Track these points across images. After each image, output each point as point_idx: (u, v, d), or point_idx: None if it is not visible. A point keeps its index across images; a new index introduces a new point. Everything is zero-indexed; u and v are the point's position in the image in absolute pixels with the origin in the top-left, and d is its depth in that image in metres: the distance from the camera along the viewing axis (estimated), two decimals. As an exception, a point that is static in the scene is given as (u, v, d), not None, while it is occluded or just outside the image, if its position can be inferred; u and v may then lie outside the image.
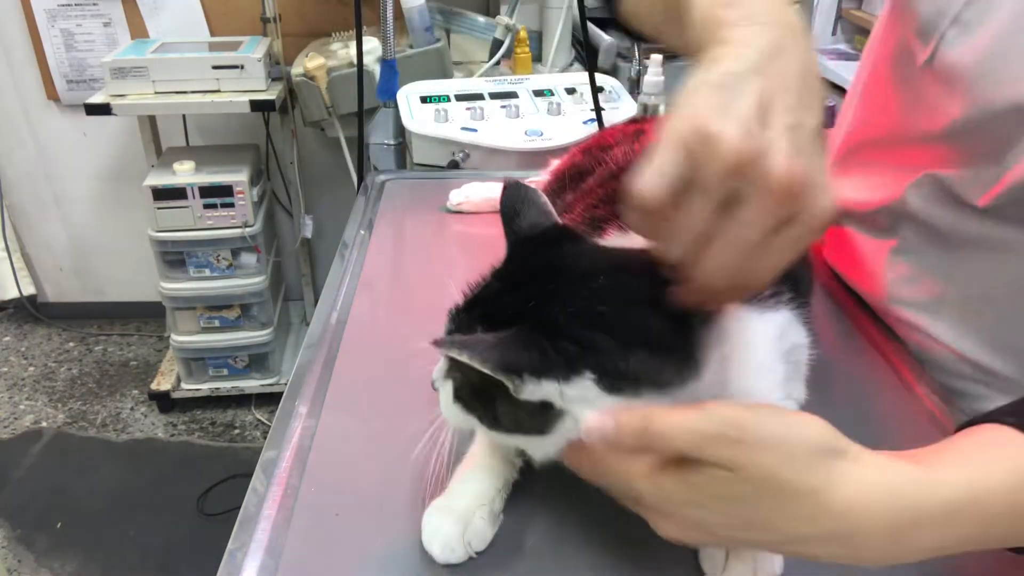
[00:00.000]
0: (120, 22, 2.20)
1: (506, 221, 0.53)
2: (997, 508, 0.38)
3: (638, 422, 0.39)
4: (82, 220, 2.55)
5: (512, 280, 0.49)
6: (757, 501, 0.37)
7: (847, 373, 0.71)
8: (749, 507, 0.38)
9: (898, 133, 0.68)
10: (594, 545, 0.52)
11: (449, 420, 0.50)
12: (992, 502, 0.38)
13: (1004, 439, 0.40)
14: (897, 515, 0.37)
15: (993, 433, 0.41)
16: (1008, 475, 0.38)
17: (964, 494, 0.37)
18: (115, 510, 1.92)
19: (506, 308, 0.46)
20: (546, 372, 0.43)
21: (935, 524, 0.37)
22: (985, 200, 0.58)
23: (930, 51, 0.59)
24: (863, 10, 2.12)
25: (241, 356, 2.21)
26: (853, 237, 0.78)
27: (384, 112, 1.42)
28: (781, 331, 0.51)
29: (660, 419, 0.39)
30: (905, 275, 0.70)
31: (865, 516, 0.37)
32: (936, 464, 0.39)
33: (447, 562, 0.50)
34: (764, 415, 0.38)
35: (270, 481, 0.57)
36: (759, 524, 0.38)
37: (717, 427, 0.37)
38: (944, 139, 0.61)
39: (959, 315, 0.65)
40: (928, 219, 0.65)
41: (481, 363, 0.42)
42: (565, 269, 0.48)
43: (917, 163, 0.65)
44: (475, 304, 0.49)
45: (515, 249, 0.52)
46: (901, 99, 0.67)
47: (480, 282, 0.50)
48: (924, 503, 0.37)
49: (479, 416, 0.48)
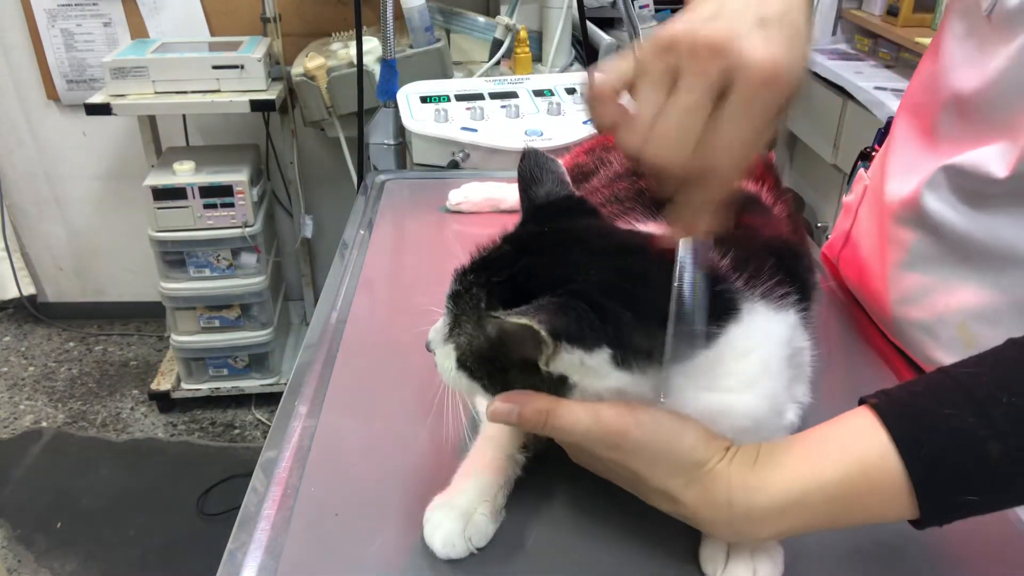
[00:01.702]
0: (120, 22, 2.20)
1: (523, 187, 0.53)
2: (823, 504, 0.44)
3: (539, 416, 0.46)
4: (82, 220, 2.55)
5: (528, 247, 0.49)
6: (632, 481, 0.48)
7: (850, 377, 0.71)
8: (626, 478, 0.49)
9: (944, 91, 0.67)
10: (595, 544, 0.52)
11: (449, 384, 0.51)
12: (818, 500, 0.44)
13: (860, 426, 0.44)
14: (732, 516, 0.45)
15: (857, 420, 0.45)
16: (842, 467, 0.44)
17: (790, 496, 0.44)
18: (115, 510, 1.92)
19: (523, 273, 0.46)
20: (579, 340, 0.43)
21: (765, 521, 0.45)
22: (1010, 168, 0.58)
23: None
24: (863, 10, 2.12)
25: (241, 356, 2.21)
26: (862, 254, 0.78)
27: (384, 112, 1.42)
28: (791, 333, 0.51)
29: (560, 416, 0.46)
30: (908, 294, 0.70)
31: (707, 515, 0.46)
32: (778, 466, 0.45)
33: (448, 557, 0.50)
34: (648, 427, 0.46)
35: (270, 481, 0.57)
36: (631, 486, 0.49)
37: (601, 434, 0.46)
38: (982, 99, 0.61)
39: (960, 336, 0.65)
40: (941, 222, 0.65)
41: (539, 325, 0.42)
42: (585, 241, 0.48)
43: (946, 139, 0.65)
44: (485, 266, 0.48)
45: (531, 216, 0.52)
46: (958, 55, 0.66)
47: (490, 245, 0.50)
48: (754, 507, 0.45)
49: (484, 384, 0.48)
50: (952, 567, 0.52)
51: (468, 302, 0.48)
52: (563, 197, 0.53)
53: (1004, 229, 0.60)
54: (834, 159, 1.94)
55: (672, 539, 0.52)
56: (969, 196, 0.62)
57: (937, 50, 0.70)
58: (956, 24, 0.67)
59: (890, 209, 0.71)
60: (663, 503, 0.48)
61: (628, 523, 0.53)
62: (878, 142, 0.84)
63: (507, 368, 0.47)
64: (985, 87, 0.61)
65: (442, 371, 0.51)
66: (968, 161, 0.62)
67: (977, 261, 0.63)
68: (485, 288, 0.47)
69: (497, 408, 0.47)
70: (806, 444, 0.46)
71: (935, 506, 0.43)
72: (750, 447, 0.46)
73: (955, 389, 0.43)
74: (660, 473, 0.46)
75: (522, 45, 1.77)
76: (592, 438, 0.46)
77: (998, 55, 0.59)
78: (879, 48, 2.04)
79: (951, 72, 0.66)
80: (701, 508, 0.46)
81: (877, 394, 0.46)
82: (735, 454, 0.46)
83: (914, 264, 0.69)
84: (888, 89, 1.75)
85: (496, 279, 0.47)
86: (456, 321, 0.49)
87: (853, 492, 0.44)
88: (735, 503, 0.45)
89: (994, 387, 0.42)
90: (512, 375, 0.47)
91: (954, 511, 0.43)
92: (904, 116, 0.75)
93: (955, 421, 0.42)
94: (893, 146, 0.75)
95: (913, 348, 0.71)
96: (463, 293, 0.48)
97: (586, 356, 0.44)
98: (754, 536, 0.47)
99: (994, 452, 0.41)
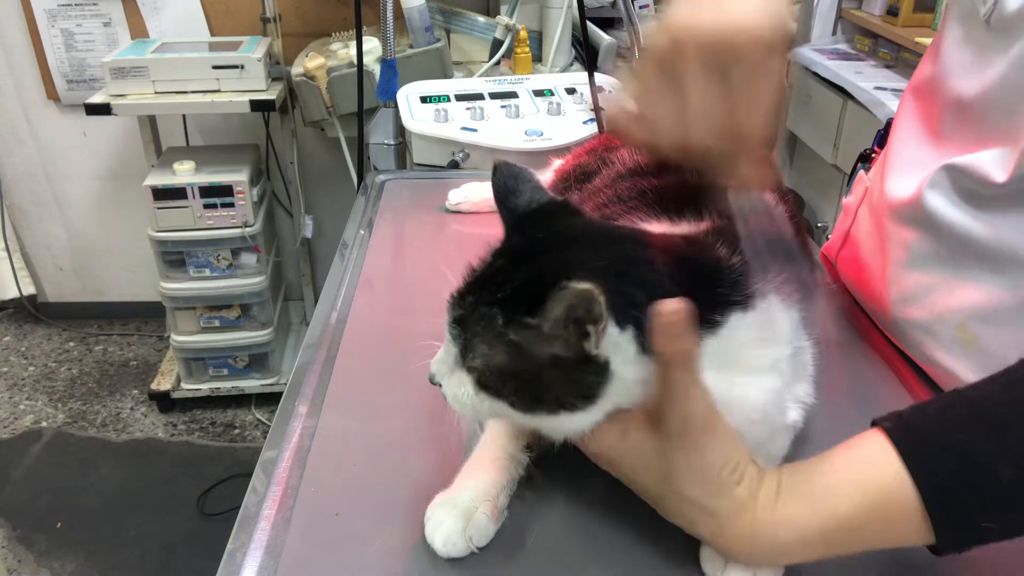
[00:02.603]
0: (120, 22, 2.20)
1: (500, 200, 0.52)
2: (843, 534, 0.44)
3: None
4: (82, 220, 2.55)
5: (524, 256, 0.48)
6: (659, 492, 0.48)
7: (849, 377, 0.71)
8: (653, 489, 0.48)
9: (943, 90, 0.68)
10: (596, 545, 0.52)
11: (466, 414, 0.50)
12: (838, 531, 0.44)
13: (874, 452, 0.44)
14: (754, 548, 0.46)
15: (870, 445, 0.45)
16: (860, 499, 0.44)
17: (811, 531, 0.44)
18: (115, 510, 1.92)
19: (529, 281, 0.45)
20: (620, 312, 0.43)
21: (786, 554, 0.46)
22: (1008, 173, 0.58)
23: (994, 0, 0.60)
24: (863, 10, 2.12)
25: (241, 356, 2.22)
26: (862, 254, 0.78)
27: (384, 112, 1.42)
28: (794, 330, 0.52)
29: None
30: (908, 294, 0.70)
31: (730, 546, 0.46)
32: (800, 500, 0.45)
33: (448, 556, 0.50)
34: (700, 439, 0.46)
35: (270, 481, 0.57)
36: (656, 499, 0.49)
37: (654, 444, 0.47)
38: (981, 105, 0.62)
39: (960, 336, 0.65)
40: (942, 220, 0.64)
41: (598, 291, 0.41)
42: (580, 239, 0.48)
43: (948, 138, 0.65)
44: (483, 285, 0.47)
45: (516, 226, 0.51)
46: (957, 60, 0.67)
47: (480, 264, 0.49)
48: (777, 542, 0.45)
49: (512, 401, 0.47)
50: (952, 568, 0.52)
51: (478, 323, 0.46)
52: (545, 203, 0.52)
53: (1005, 229, 0.60)
54: (834, 159, 1.94)
55: (673, 540, 0.51)
56: (970, 196, 0.62)
57: (938, 52, 0.70)
58: (955, 28, 0.67)
59: (890, 207, 0.71)
60: (690, 512, 0.47)
61: (629, 524, 0.53)
62: (878, 144, 0.84)
63: (537, 374, 0.45)
64: (984, 92, 0.61)
65: (455, 401, 0.49)
66: (968, 163, 0.61)
67: (977, 261, 0.63)
68: (495, 305, 0.45)
69: (679, 311, 0.43)
70: (823, 475, 0.46)
71: (951, 533, 0.42)
72: (772, 475, 0.46)
73: (968, 412, 0.43)
74: (708, 479, 0.45)
75: (522, 45, 1.77)
76: (690, 407, 0.45)
77: (997, 61, 0.60)
78: (879, 48, 2.04)
79: (951, 76, 0.66)
80: (726, 533, 0.46)
81: (890, 416, 0.45)
82: (761, 483, 0.46)
83: (914, 263, 0.69)
84: (888, 89, 1.75)
85: (501, 294, 0.46)
86: (467, 346, 0.47)
87: (872, 522, 0.44)
88: (759, 536, 0.45)
89: (1007, 410, 0.42)
90: (544, 379, 0.45)
91: (971, 538, 0.43)
92: (906, 115, 0.74)
93: (968, 446, 0.42)
94: (895, 144, 0.75)
95: (913, 348, 0.71)
96: (468, 316, 0.47)
97: (620, 335, 0.44)
98: (773, 564, 0.48)
99: (1008, 477, 0.41)
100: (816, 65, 1.99)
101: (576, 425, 0.48)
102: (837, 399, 0.64)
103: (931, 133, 0.69)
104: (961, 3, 0.67)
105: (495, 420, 0.55)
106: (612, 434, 0.48)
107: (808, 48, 2.11)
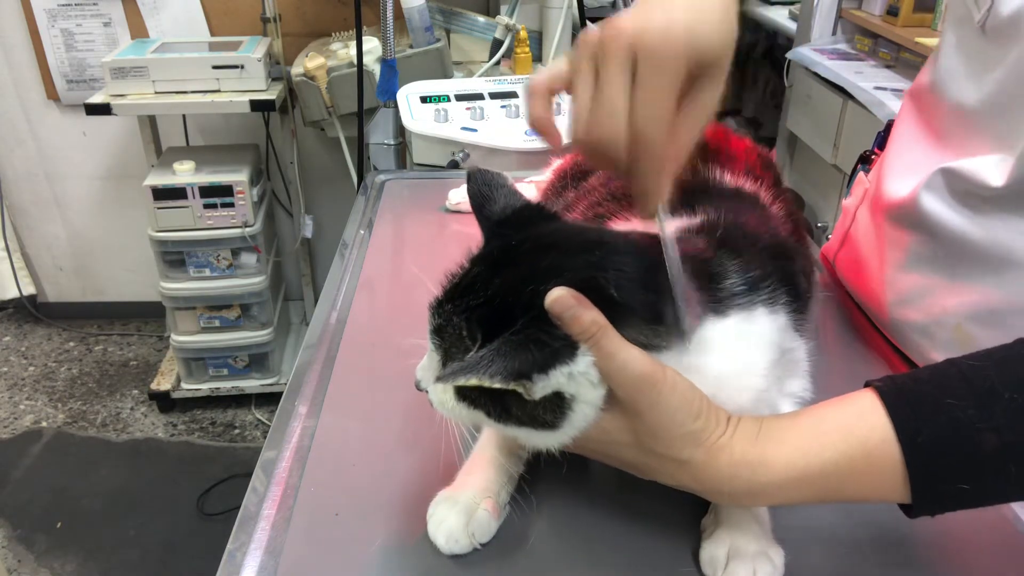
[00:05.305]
0: (120, 22, 2.20)
1: (476, 207, 0.52)
2: (822, 480, 0.45)
3: (594, 326, 0.44)
4: (82, 220, 2.55)
5: (499, 264, 0.48)
6: (639, 447, 0.47)
7: (848, 377, 0.71)
8: (634, 445, 0.48)
9: (941, 95, 0.68)
10: (597, 541, 0.52)
11: (450, 417, 0.50)
12: (817, 476, 0.45)
13: (863, 407, 0.45)
14: (733, 488, 0.46)
15: (860, 401, 0.46)
16: (844, 446, 0.45)
17: (791, 473, 0.45)
18: (115, 510, 1.92)
19: (499, 293, 0.46)
20: (551, 363, 0.43)
21: (764, 494, 0.47)
22: (1006, 177, 0.58)
23: (987, 6, 0.60)
24: (863, 10, 2.12)
25: (241, 356, 2.21)
26: (860, 255, 0.78)
27: (384, 112, 1.43)
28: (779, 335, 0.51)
29: (610, 337, 0.44)
30: (906, 295, 0.70)
31: (710, 486, 0.47)
32: (780, 442, 0.46)
33: (451, 552, 0.50)
34: (673, 380, 0.46)
35: (270, 481, 0.57)
36: (636, 455, 0.48)
37: (637, 371, 0.45)
38: (979, 111, 0.62)
39: (956, 337, 0.65)
40: (938, 222, 0.65)
41: (491, 381, 0.42)
42: (555, 245, 0.48)
43: (946, 142, 0.65)
44: (459, 293, 0.47)
45: (493, 233, 0.51)
46: (954, 65, 0.67)
47: (459, 271, 0.49)
48: (755, 482, 0.46)
49: (487, 411, 0.47)
50: (951, 568, 0.52)
51: (452, 334, 0.47)
52: (520, 208, 0.52)
53: (1001, 232, 0.60)
54: (834, 159, 1.94)
55: (673, 539, 0.52)
56: (966, 199, 0.62)
57: (938, 56, 0.70)
58: (951, 34, 0.67)
59: (888, 209, 0.71)
60: (667, 467, 0.47)
61: (630, 522, 0.53)
62: (878, 145, 0.84)
63: (503, 396, 0.45)
64: (981, 99, 0.61)
65: (440, 406, 0.49)
66: (965, 167, 0.62)
67: (973, 263, 0.63)
68: (464, 315, 0.46)
69: (561, 297, 0.44)
70: (808, 421, 0.47)
71: (926, 493, 0.44)
72: (752, 420, 0.47)
73: (959, 380, 0.44)
74: (673, 432, 0.45)
75: (522, 45, 1.77)
76: (625, 373, 0.45)
77: (993, 68, 0.60)
78: (879, 48, 2.04)
79: (949, 82, 0.66)
80: (704, 477, 0.46)
81: (883, 379, 0.46)
82: (738, 425, 0.46)
83: (911, 265, 0.69)
84: (888, 89, 1.75)
85: (474, 302, 0.46)
86: (446, 355, 0.48)
87: (852, 471, 0.44)
88: (737, 476, 0.46)
89: (998, 382, 0.43)
90: (511, 406, 0.46)
91: (945, 499, 0.44)
92: (905, 117, 0.75)
93: (955, 411, 0.42)
94: (894, 146, 0.75)
95: (910, 349, 0.71)
96: (445, 326, 0.47)
97: (572, 366, 0.44)
98: (751, 505, 0.50)
99: (989, 444, 0.42)
100: (816, 65, 1.99)
101: (552, 441, 0.48)
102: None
103: (930, 136, 0.69)
104: (956, 9, 0.67)
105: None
106: (619, 356, 0.48)
107: (808, 48, 2.10)
